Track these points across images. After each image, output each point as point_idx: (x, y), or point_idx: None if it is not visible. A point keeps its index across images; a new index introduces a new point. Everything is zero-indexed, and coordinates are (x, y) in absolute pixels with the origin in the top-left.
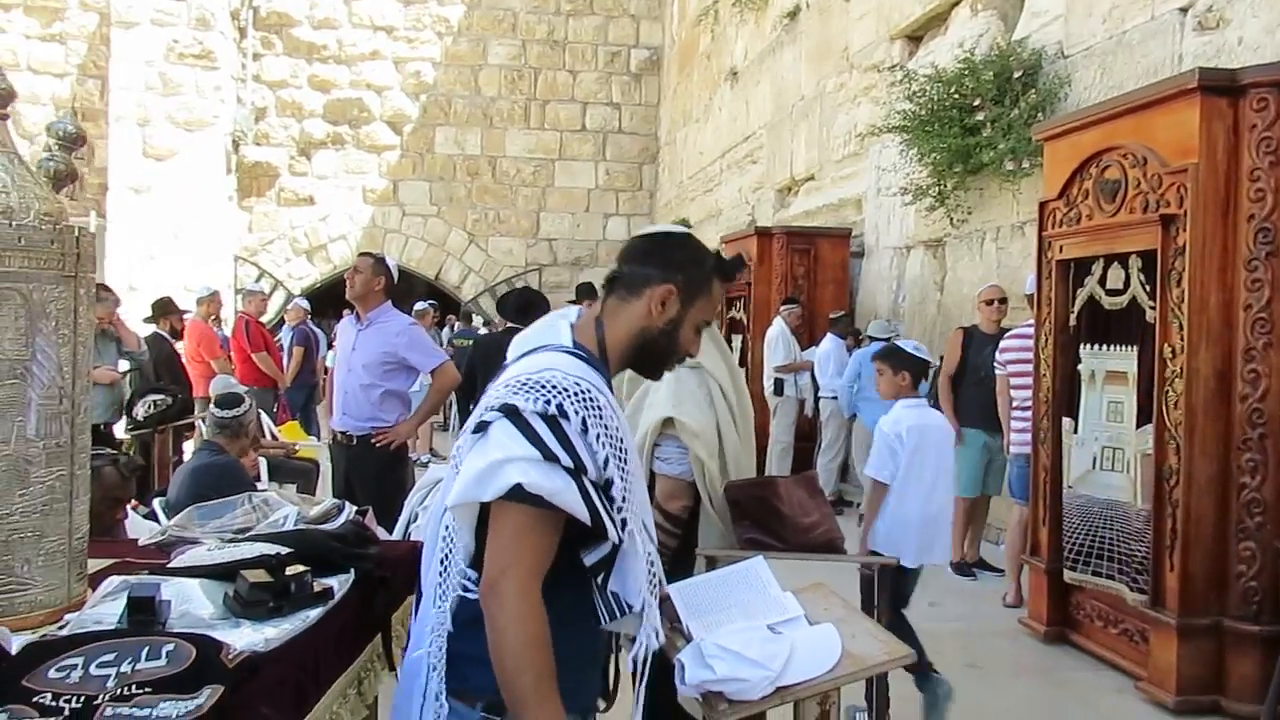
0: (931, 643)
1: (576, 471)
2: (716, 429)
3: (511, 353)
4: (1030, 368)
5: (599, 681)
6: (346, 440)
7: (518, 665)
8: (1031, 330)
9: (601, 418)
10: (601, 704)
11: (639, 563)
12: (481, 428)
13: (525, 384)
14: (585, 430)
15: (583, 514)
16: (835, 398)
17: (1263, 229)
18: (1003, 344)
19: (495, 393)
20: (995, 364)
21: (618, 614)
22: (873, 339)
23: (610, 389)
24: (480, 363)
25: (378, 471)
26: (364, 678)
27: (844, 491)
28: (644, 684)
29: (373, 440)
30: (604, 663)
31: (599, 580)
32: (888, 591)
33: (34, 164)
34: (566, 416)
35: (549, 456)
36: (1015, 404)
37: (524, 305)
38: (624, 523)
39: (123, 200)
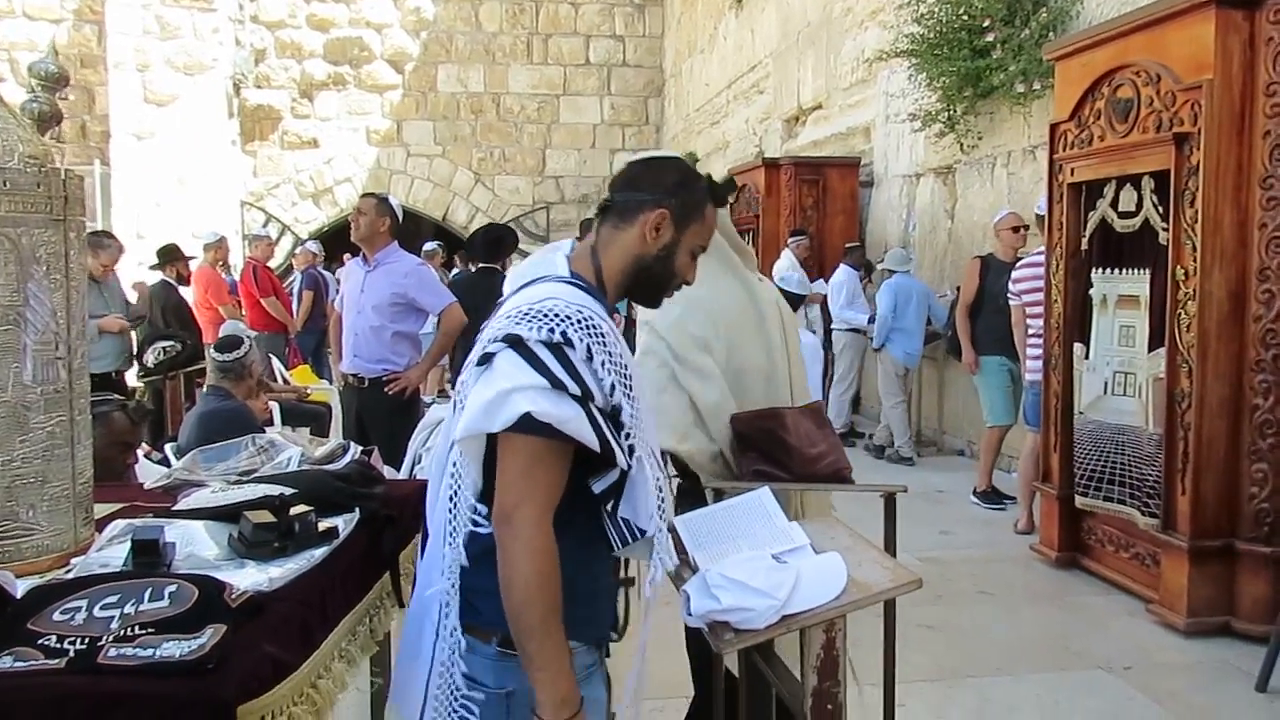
0: (943, 570)
1: (584, 399)
2: (688, 401)
3: (508, 286)
4: (1036, 296)
5: (612, 613)
6: (358, 382)
7: (526, 598)
8: (1030, 259)
9: (605, 345)
10: (614, 635)
11: (648, 488)
12: (485, 359)
13: (528, 314)
14: (590, 358)
15: (592, 441)
16: (848, 329)
17: (1279, 145)
18: (1016, 273)
19: (497, 324)
20: (1009, 294)
21: (629, 540)
22: (892, 271)
23: (610, 317)
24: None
25: (390, 413)
26: (374, 615)
27: (855, 423)
28: (650, 609)
29: (384, 386)
30: (615, 593)
31: (609, 507)
32: None
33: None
34: (571, 344)
35: (556, 384)
36: (1031, 331)
37: (493, 242)
38: (632, 449)
39: (126, 147)
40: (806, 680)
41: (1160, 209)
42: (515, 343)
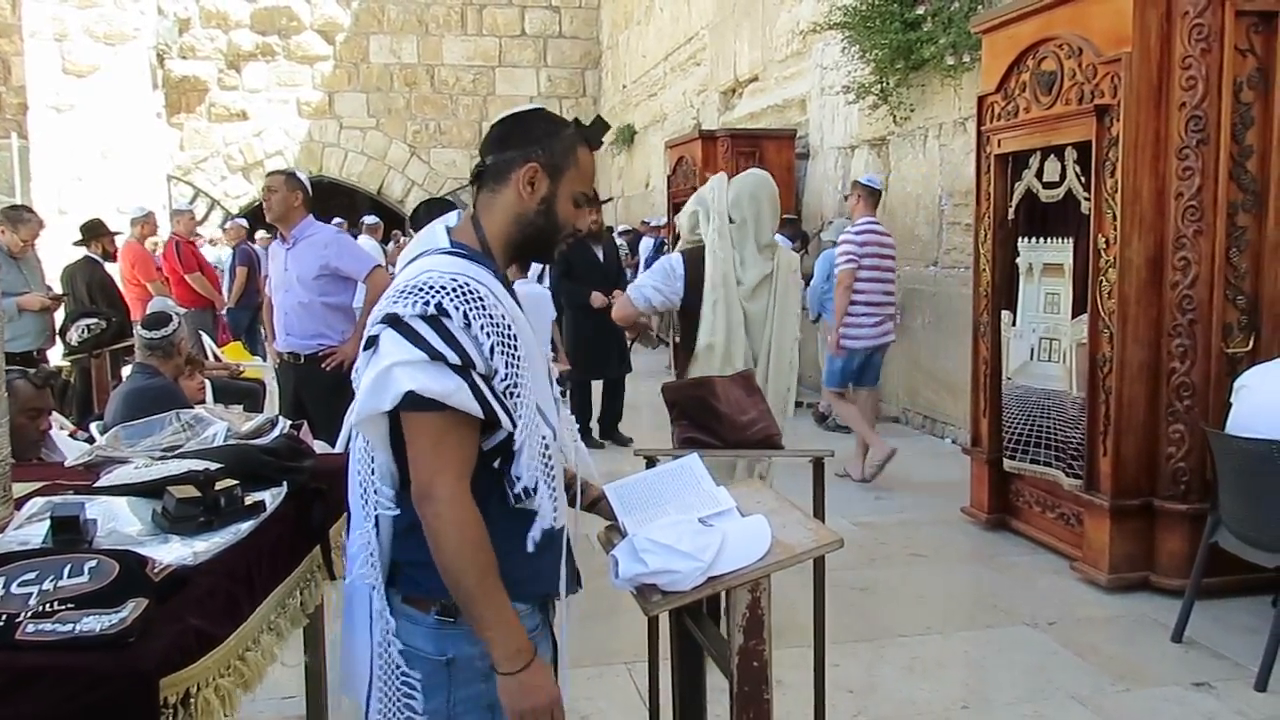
0: (877, 534)
1: (465, 368)
2: None
3: (397, 268)
4: (879, 261)
5: (558, 569)
6: (294, 360)
7: (460, 567)
8: (875, 226)
9: (485, 308)
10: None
11: (533, 446)
12: (371, 343)
13: (404, 291)
14: (469, 324)
15: (476, 410)
16: None
17: (1194, 117)
18: (859, 238)
19: (379, 306)
20: (849, 257)
21: (523, 497)
22: (834, 242)
23: (502, 282)
24: None
25: (327, 388)
26: (304, 588)
27: (798, 392)
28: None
29: (321, 361)
30: (560, 550)
31: (496, 464)
32: None
33: None
34: (447, 314)
35: (435, 356)
36: (864, 299)
37: (432, 217)
38: (515, 407)
39: (45, 120)
40: (733, 639)
41: (1082, 179)
42: (394, 321)
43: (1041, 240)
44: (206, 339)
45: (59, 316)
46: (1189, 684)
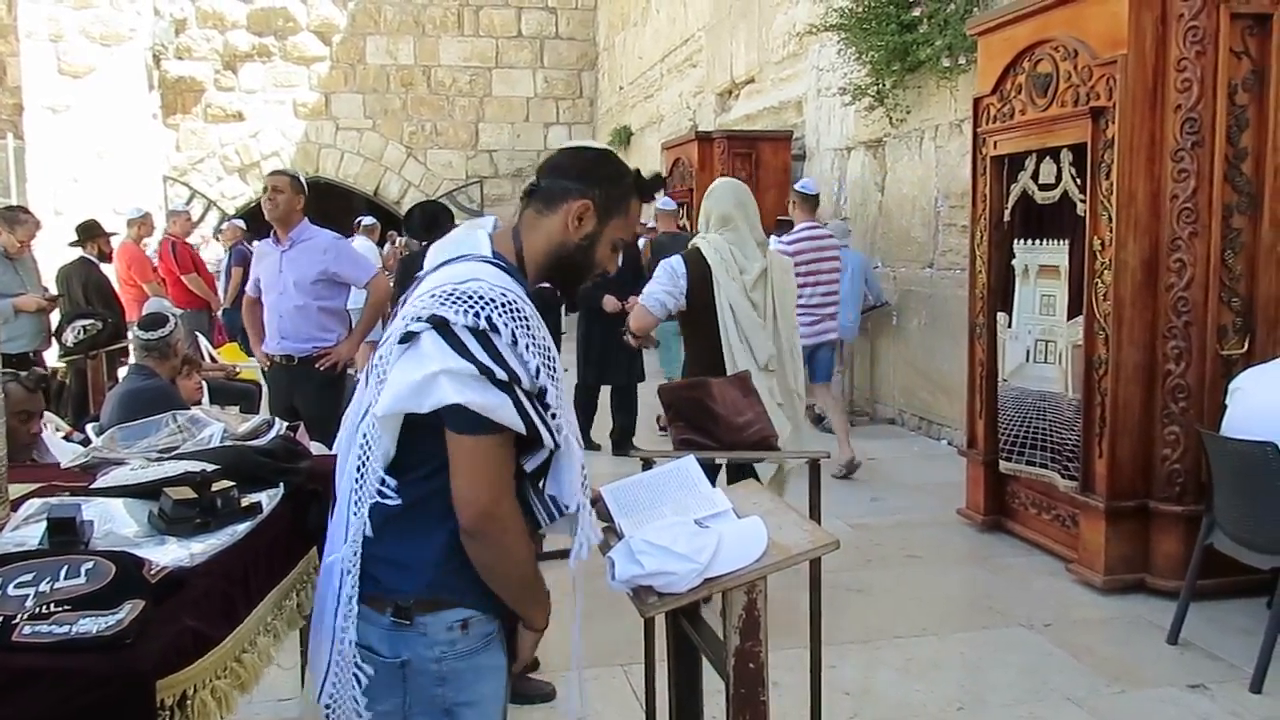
0: (873, 535)
1: (510, 384)
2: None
3: (429, 262)
4: (815, 266)
5: None
6: (287, 362)
7: (523, 573)
8: (811, 232)
9: (529, 328)
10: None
11: (574, 466)
12: (409, 338)
13: (452, 295)
14: (515, 342)
15: (519, 427)
16: None
17: (1189, 119)
18: (790, 246)
19: (420, 302)
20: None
21: (556, 516)
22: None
23: (530, 299)
24: (403, 280)
25: (320, 390)
26: (300, 589)
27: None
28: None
29: (315, 362)
30: None
31: (540, 485)
32: None
33: None
34: (497, 330)
35: (483, 370)
36: (802, 301)
37: (430, 220)
38: (559, 428)
39: (40, 121)
40: (729, 640)
41: (1078, 181)
42: (440, 325)
43: (1037, 242)
44: (202, 340)
45: (54, 317)
46: (1184, 685)
